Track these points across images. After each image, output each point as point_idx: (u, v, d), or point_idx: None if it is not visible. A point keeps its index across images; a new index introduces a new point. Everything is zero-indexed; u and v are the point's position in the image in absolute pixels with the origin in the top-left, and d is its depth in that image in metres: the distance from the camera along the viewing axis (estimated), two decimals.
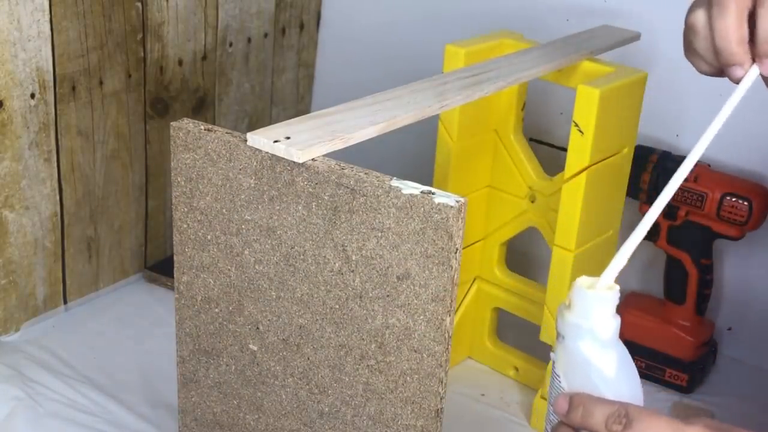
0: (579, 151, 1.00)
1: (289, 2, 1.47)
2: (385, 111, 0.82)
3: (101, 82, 1.20)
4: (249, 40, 1.41)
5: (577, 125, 0.99)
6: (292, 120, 0.80)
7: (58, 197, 1.19)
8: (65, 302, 1.25)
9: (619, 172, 1.07)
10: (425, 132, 1.20)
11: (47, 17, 1.11)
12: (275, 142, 0.76)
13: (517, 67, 0.97)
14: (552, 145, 1.23)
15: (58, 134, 1.17)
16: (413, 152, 1.36)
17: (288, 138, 0.77)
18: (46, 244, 1.19)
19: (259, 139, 0.77)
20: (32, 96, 1.12)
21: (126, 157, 1.27)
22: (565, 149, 1.02)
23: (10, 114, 1.10)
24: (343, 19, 1.53)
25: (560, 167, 1.04)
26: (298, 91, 1.55)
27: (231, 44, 1.38)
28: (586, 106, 0.97)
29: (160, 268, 1.34)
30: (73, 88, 1.17)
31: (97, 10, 1.17)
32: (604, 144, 1.01)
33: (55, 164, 1.17)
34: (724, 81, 1.20)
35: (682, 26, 0.72)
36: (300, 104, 1.57)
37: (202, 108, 1.37)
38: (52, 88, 1.14)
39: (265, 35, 1.44)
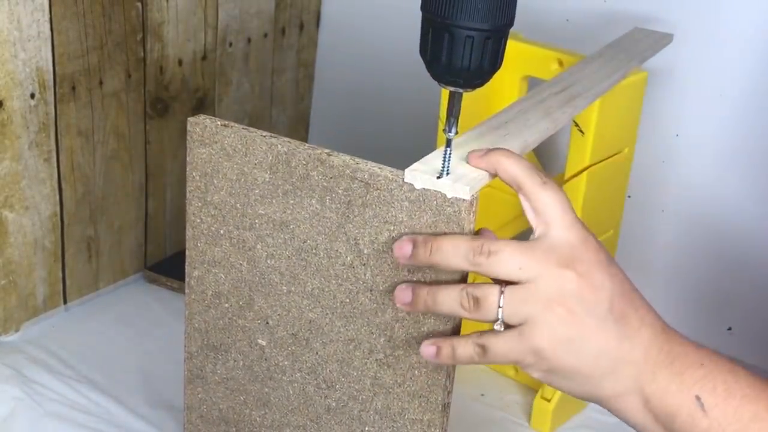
0: (579, 151, 1.00)
1: (289, 2, 1.47)
2: (513, 136, 0.81)
3: (101, 82, 1.20)
4: (249, 40, 1.41)
5: (577, 125, 0.99)
6: (431, 155, 0.78)
7: (58, 197, 1.19)
8: (65, 302, 1.25)
9: (619, 172, 1.07)
10: (425, 132, 1.20)
11: (47, 17, 1.11)
12: (438, 178, 0.74)
13: (596, 78, 0.96)
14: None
15: (58, 134, 1.17)
16: (413, 152, 1.36)
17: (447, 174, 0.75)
18: (46, 244, 1.19)
19: (420, 176, 0.75)
20: (32, 96, 1.12)
21: (126, 157, 1.27)
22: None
23: (10, 114, 1.10)
24: (343, 19, 1.53)
25: (560, 167, 1.04)
26: (298, 91, 1.55)
27: (231, 44, 1.38)
28: (587, 106, 0.97)
29: (160, 268, 1.34)
30: (73, 88, 1.17)
31: (97, 10, 1.17)
32: (605, 144, 1.01)
33: (55, 164, 1.17)
34: (724, 81, 1.21)
35: (682, 26, 0.72)
36: (300, 104, 1.57)
37: (202, 108, 1.37)
38: (52, 88, 1.14)
39: (265, 35, 1.44)
